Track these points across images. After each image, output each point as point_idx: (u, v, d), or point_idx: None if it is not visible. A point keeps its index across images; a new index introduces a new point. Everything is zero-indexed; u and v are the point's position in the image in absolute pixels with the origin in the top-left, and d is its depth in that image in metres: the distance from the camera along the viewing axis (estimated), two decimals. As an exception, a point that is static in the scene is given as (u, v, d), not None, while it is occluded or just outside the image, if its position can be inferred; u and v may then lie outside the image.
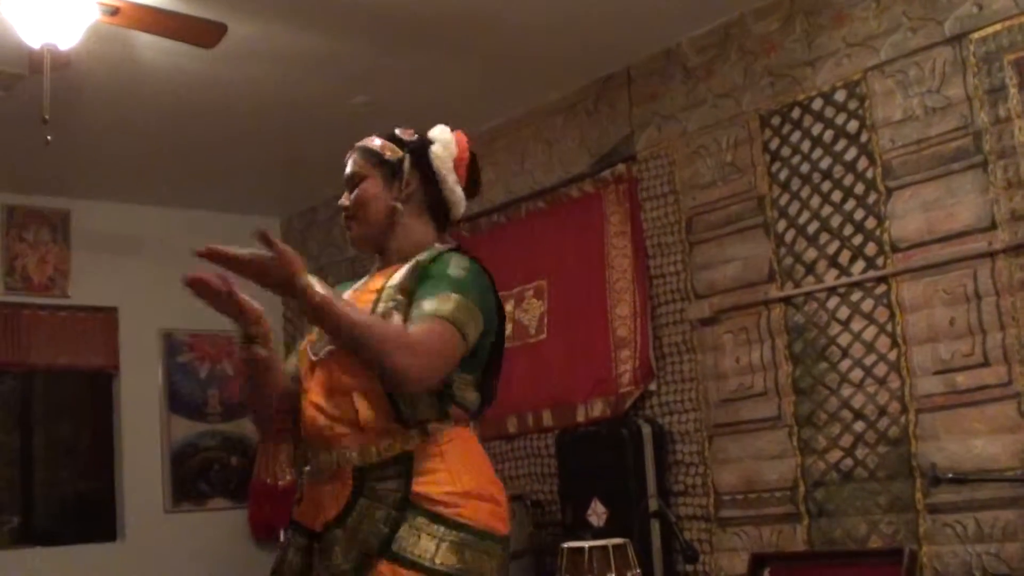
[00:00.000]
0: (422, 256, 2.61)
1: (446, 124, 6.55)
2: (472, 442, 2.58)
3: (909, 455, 4.66)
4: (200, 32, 4.84)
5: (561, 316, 6.38)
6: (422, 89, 6.24)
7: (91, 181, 7.51)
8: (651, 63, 5.95)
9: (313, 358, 2.60)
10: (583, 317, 6.22)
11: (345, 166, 2.79)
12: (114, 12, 4.57)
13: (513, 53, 5.86)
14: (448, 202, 2.74)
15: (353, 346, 2.39)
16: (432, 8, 5.27)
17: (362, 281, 2.75)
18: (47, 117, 4.71)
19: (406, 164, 2.71)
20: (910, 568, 4.45)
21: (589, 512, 5.57)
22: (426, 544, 2.37)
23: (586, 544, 4.79)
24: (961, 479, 4.42)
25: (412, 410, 2.45)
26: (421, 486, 2.41)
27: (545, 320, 6.47)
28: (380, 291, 2.57)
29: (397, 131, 2.79)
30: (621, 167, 6.08)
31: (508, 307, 6.68)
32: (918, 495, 4.62)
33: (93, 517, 7.95)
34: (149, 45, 5.30)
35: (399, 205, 2.68)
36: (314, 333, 2.64)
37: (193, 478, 8.03)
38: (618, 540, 4.83)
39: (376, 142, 2.76)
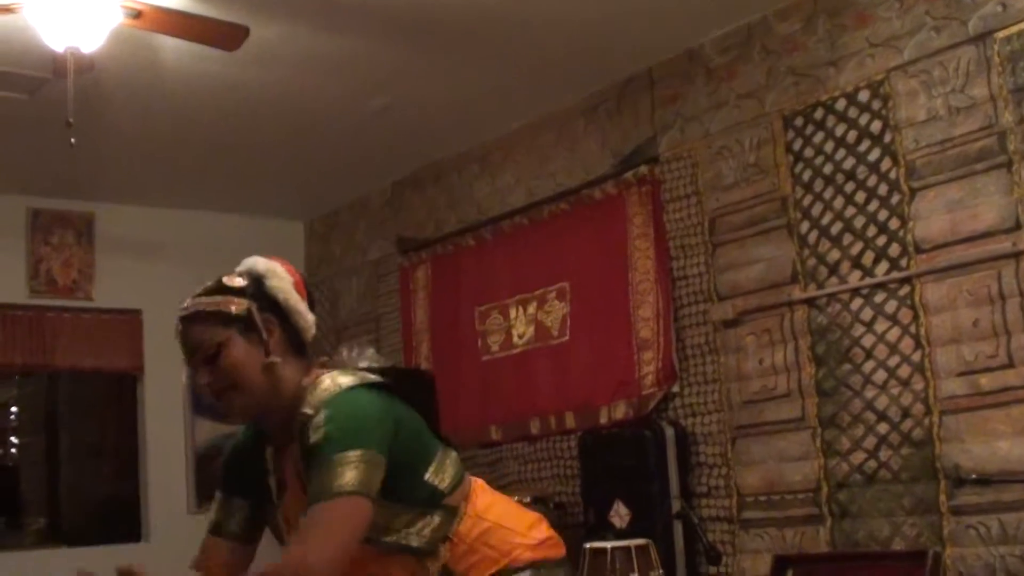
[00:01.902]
0: (305, 419, 2.40)
1: (467, 126, 6.61)
2: (486, 509, 2.58)
3: (933, 457, 4.63)
4: (222, 35, 4.86)
5: (584, 318, 6.37)
6: (442, 92, 6.24)
7: (115, 184, 7.54)
8: (673, 64, 5.93)
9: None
10: (606, 319, 6.22)
11: (179, 341, 2.51)
12: (137, 15, 4.59)
13: (534, 55, 5.85)
14: (302, 330, 2.53)
15: None
16: (452, 11, 5.27)
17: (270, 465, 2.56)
18: (71, 120, 4.73)
19: (255, 312, 2.45)
20: (934, 570, 4.42)
21: (612, 514, 5.56)
22: None
23: (608, 544, 4.78)
24: (985, 480, 4.40)
25: (422, 543, 2.48)
26: (467, 568, 2.51)
27: (567, 322, 6.46)
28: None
29: (223, 279, 2.51)
30: (644, 169, 6.07)
31: (531, 309, 6.69)
32: (942, 497, 4.59)
33: (118, 518, 8.00)
34: (172, 48, 5.32)
35: (275, 359, 2.44)
36: None
37: (217, 479, 8.06)
38: (641, 541, 4.82)
39: (211, 301, 2.46)
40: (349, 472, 2.23)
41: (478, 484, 2.66)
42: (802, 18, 5.29)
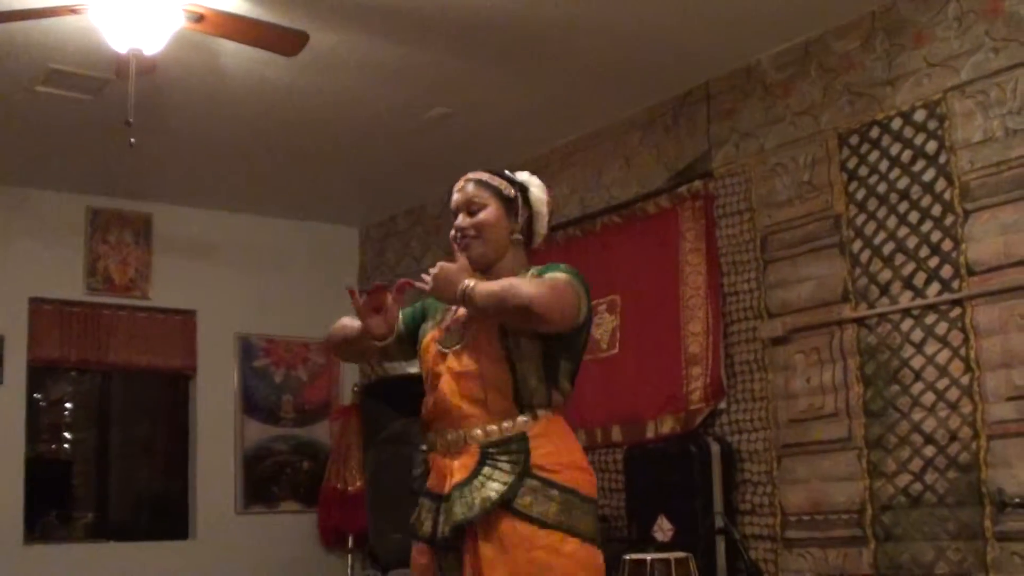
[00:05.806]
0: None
1: (524, 136, 6.66)
2: (566, 424, 3.07)
3: (979, 482, 4.58)
4: (282, 40, 4.92)
5: (633, 331, 6.37)
6: (500, 103, 6.28)
7: (173, 186, 7.66)
8: (730, 79, 5.93)
9: (444, 351, 3.08)
10: (655, 333, 6.21)
11: (455, 192, 3.23)
12: (199, 19, 4.66)
13: (592, 68, 5.87)
14: (536, 234, 3.24)
15: (499, 307, 2.91)
16: (512, 22, 5.30)
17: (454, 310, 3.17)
18: (131, 120, 4.82)
19: (519, 201, 3.19)
20: (977, 596, 4.38)
21: (655, 528, 5.55)
22: (542, 504, 2.87)
23: (648, 556, 4.79)
24: (1028, 504, 4.35)
25: (528, 394, 2.97)
26: (536, 458, 2.91)
27: (617, 335, 6.46)
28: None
29: (506, 172, 3.26)
30: (698, 183, 6.07)
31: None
32: (987, 522, 4.54)
33: (166, 515, 8.09)
34: (232, 52, 5.40)
35: (518, 236, 3.17)
36: (438, 331, 3.16)
37: (265, 481, 8.14)
38: (680, 554, 4.83)
39: (493, 177, 3.21)
40: (565, 273, 3.00)
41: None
42: (860, 36, 5.27)
